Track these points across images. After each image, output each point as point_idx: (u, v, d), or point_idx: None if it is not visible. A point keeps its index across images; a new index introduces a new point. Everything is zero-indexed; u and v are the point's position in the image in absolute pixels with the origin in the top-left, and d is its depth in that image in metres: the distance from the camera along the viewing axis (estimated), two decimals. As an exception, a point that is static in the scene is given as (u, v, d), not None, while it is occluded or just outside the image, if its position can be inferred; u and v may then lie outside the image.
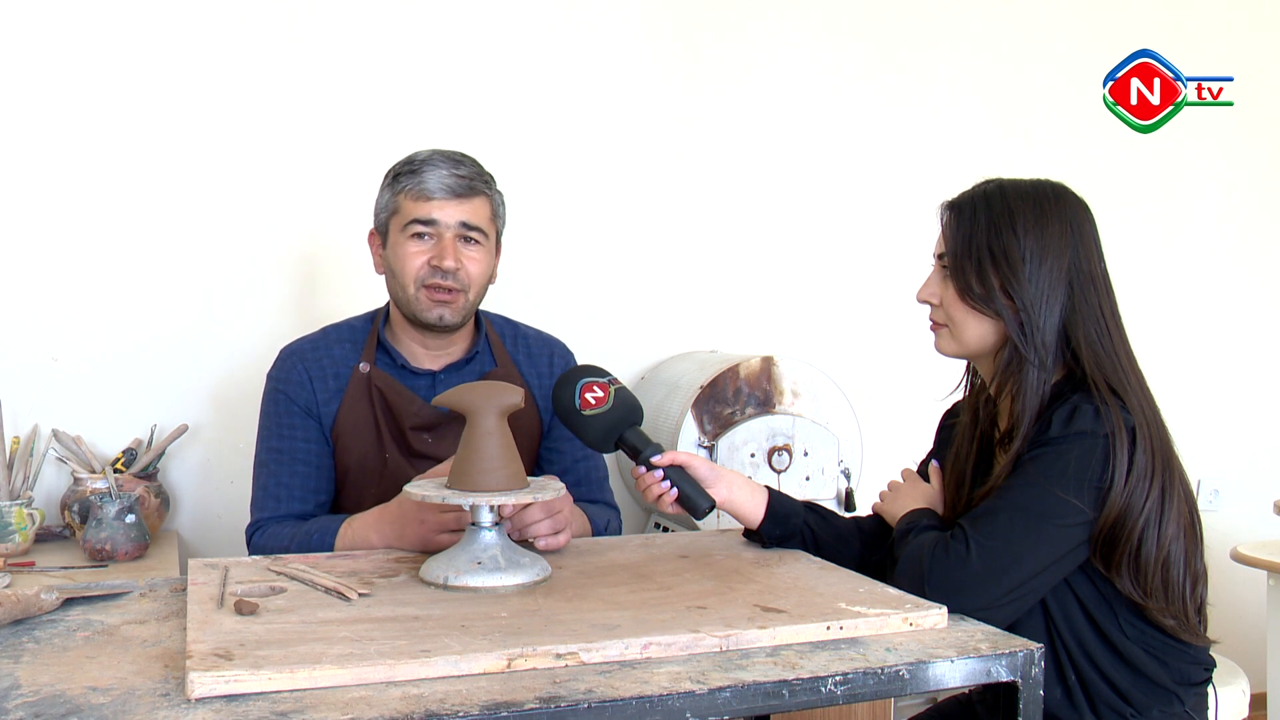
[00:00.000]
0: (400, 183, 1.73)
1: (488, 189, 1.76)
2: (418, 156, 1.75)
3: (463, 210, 1.72)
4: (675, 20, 2.68)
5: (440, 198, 1.71)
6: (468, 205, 1.72)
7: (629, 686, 1.00)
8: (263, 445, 1.78)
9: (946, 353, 1.51)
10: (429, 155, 1.74)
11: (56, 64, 2.26)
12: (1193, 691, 1.44)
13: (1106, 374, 1.40)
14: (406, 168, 1.74)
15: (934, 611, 1.22)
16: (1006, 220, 1.42)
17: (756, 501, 1.52)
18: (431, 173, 1.71)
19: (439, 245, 1.71)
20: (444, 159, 1.74)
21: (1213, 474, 3.19)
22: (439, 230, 1.71)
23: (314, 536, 1.64)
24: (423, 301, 1.72)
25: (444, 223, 1.71)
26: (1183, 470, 1.42)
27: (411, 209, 1.71)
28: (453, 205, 1.71)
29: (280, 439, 1.75)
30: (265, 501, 1.74)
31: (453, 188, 1.71)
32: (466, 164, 1.75)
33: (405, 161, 1.76)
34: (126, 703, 0.97)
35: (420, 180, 1.71)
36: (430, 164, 1.72)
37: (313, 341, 1.82)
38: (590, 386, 1.45)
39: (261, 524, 1.73)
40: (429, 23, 2.49)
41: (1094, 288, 1.43)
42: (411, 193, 1.71)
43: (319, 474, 1.75)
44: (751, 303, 2.77)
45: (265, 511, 1.73)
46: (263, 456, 1.77)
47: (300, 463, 1.74)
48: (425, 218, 1.71)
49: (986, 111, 2.96)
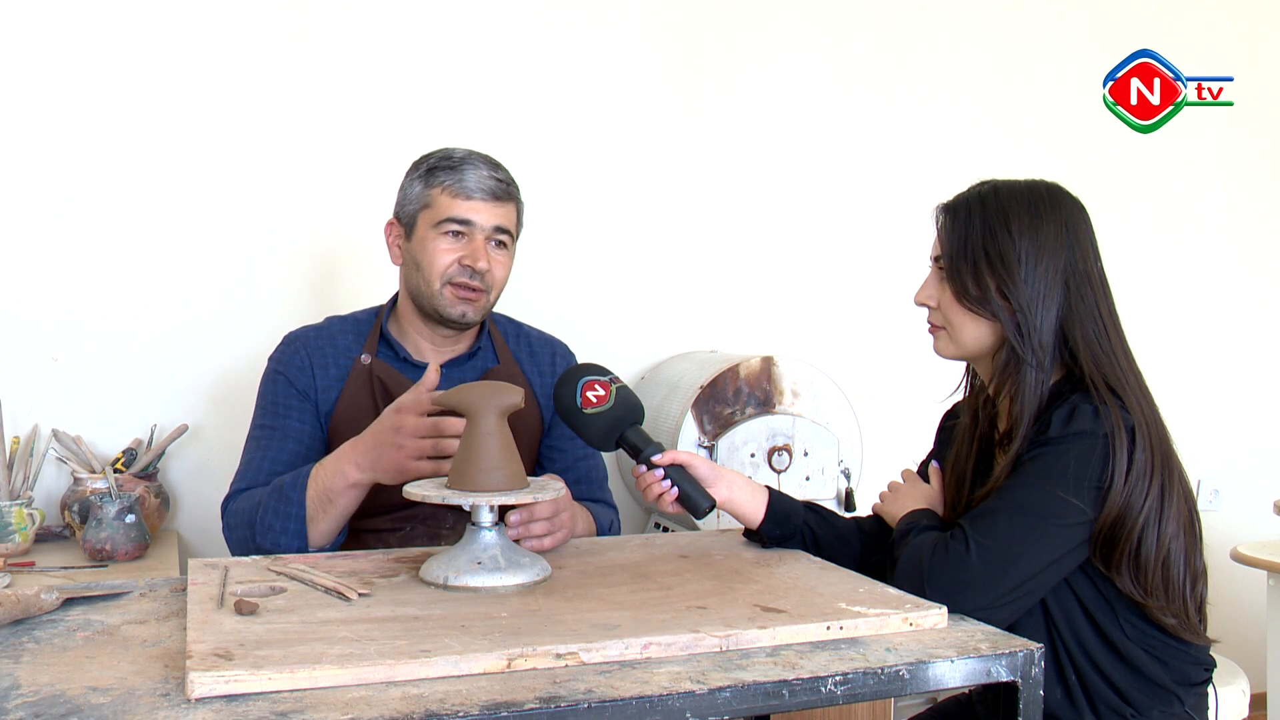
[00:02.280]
0: (437, 177, 1.72)
1: (517, 196, 1.78)
2: (454, 153, 1.74)
3: (498, 214, 1.73)
4: (676, 22, 2.68)
5: (479, 199, 1.71)
6: (502, 209, 1.74)
7: (629, 686, 1.00)
8: (254, 423, 1.77)
9: (945, 355, 1.52)
10: (466, 154, 1.74)
11: (59, 63, 2.26)
12: (1193, 692, 1.44)
13: (1105, 373, 1.40)
14: (444, 163, 1.73)
15: (934, 611, 1.22)
16: (1001, 222, 1.42)
17: (757, 501, 1.52)
18: (472, 172, 1.71)
19: (471, 245, 1.71)
20: (481, 160, 1.74)
21: (1213, 474, 3.19)
22: (473, 231, 1.72)
23: (285, 484, 1.61)
24: (447, 297, 1.72)
25: (479, 224, 1.71)
26: (1182, 469, 1.42)
27: (448, 206, 1.71)
28: (489, 207, 1.72)
29: (274, 416, 1.75)
30: (246, 473, 1.72)
31: (492, 190, 1.72)
32: (501, 169, 1.76)
33: (442, 156, 1.75)
34: (126, 703, 0.97)
35: (460, 178, 1.71)
36: (470, 163, 1.72)
37: (317, 329, 1.83)
38: (592, 385, 1.45)
39: (237, 493, 1.70)
40: (435, 24, 2.49)
41: (1090, 287, 1.43)
42: (450, 189, 1.71)
43: (308, 455, 1.72)
44: (751, 303, 2.77)
45: (244, 482, 1.71)
46: (253, 433, 1.76)
47: (291, 440, 1.73)
48: (462, 217, 1.71)
49: (986, 112, 2.96)
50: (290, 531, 1.59)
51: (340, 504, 1.59)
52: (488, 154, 1.77)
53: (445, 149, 1.77)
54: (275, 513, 1.60)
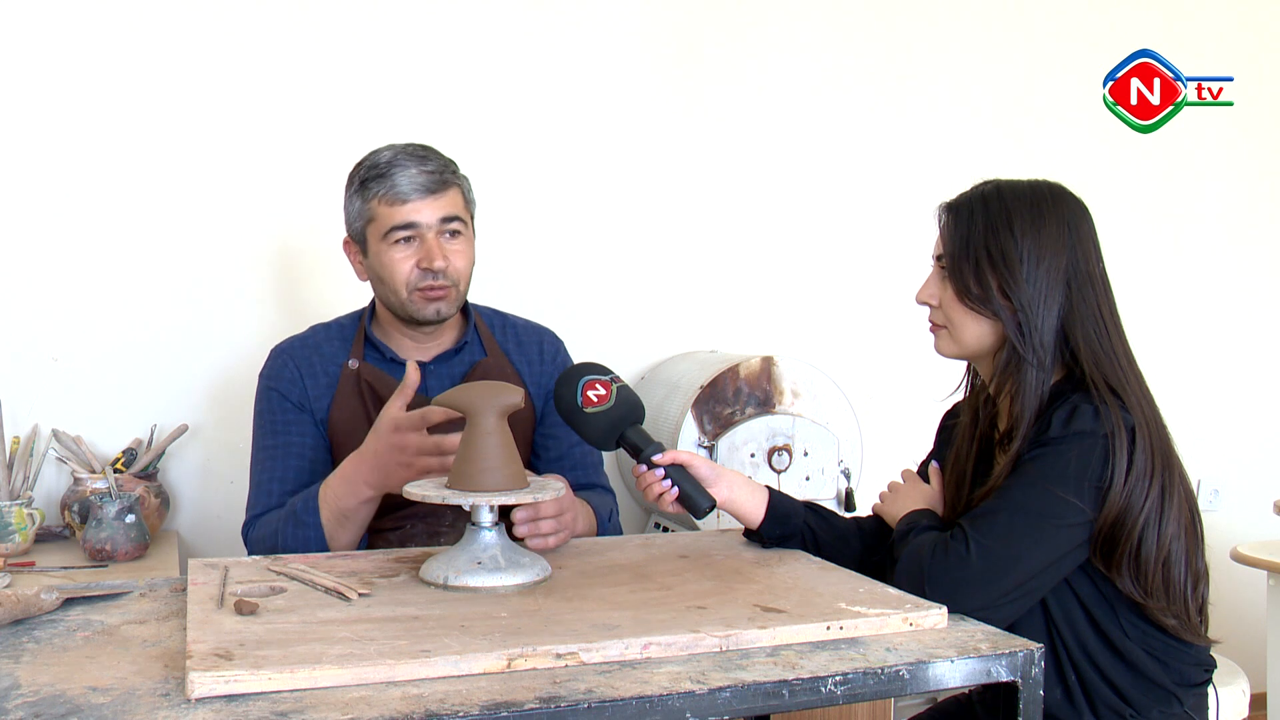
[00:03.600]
0: (370, 189, 1.69)
1: (456, 178, 1.73)
2: (380, 158, 1.70)
3: (440, 206, 1.69)
4: (675, 21, 2.68)
5: (416, 199, 1.67)
6: (443, 199, 1.70)
7: (629, 686, 1.00)
8: (257, 444, 1.78)
9: (946, 354, 1.52)
10: (391, 156, 1.70)
11: (53, 66, 2.26)
12: (1193, 692, 1.44)
13: (1106, 373, 1.40)
14: (373, 172, 1.69)
15: (934, 611, 1.22)
16: (1003, 221, 1.42)
17: (757, 501, 1.52)
18: (401, 174, 1.67)
19: (424, 246, 1.69)
20: (408, 157, 1.69)
21: (1213, 474, 3.19)
22: (420, 231, 1.69)
23: (298, 508, 1.62)
24: (416, 303, 1.71)
25: (424, 223, 1.69)
26: (1183, 469, 1.42)
27: (389, 215, 1.68)
28: (429, 203, 1.68)
29: (275, 435, 1.75)
30: (259, 497, 1.73)
31: (426, 185, 1.68)
32: (432, 157, 1.71)
33: (369, 166, 1.71)
34: (126, 703, 0.97)
35: (391, 184, 1.67)
36: (396, 165, 1.68)
37: (302, 339, 1.83)
38: (592, 384, 1.45)
39: (254, 520, 1.72)
40: (427, 22, 2.49)
41: (1092, 287, 1.43)
42: (385, 198, 1.68)
43: (314, 467, 1.73)
44: (751, 303, 2.77)
45: (259, 507, 1.72)
46: (257, 455, 1.77)
47: (295, 456, 1.73)
48: (405, 222, 1.68)
49: (986, 112, 2.96)
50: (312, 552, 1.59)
51: (358, 518, 1.61)
52: (416, 144, 1.72)
53: (372, 154, 1.72)
54: (295, 539, 1.61)
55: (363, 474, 1.57)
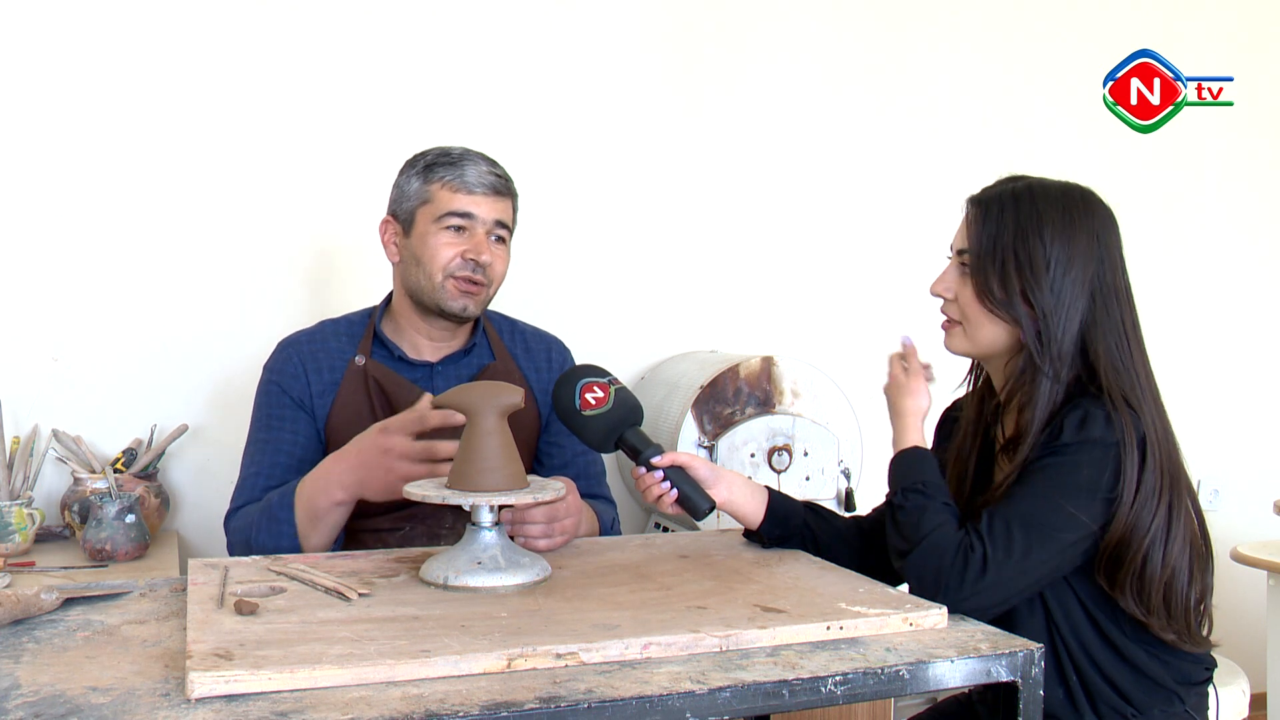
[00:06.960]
0: (436, 173, 1.74)
1: (513, 192, 1.80)
2: (452, 150, 1.76)
3: (497, 208, 1.75)
4: (676, 22, 2.68)
5: (480, 193, 1.73)
6: (502, 204, 1.76)
7: (629, 686, 1.00)
8: (251, 435, 1.78)
9: (957, 351, 1.49)
10: (464, 151, 1.76)
11: (59, 63, 2.26)
12: (1193, 691, 1.44)
13: (1124, 388, 1.38)
14: (443, 159, 1.75)
15: (934, 611, 1.22)
16: (1034, 225, 1.40)
17: (756, 502, 1.52)
18: (472, 168, 1.73)
19: (473, 239, 1.73)
20: (479, 156, 1.77)
21: (1213, 474, 3.19)
22: (474, 224, 1.73)
23: (273, 503, 1.63)
24: (450, 291, 1.73)
25: (481, 218, 1.73)
26: (1192, 488, 1.41)
27: (449, 200, 1.72)
28: (490, 202, 1.74)
29: (268, 429, 1.75)
30: (243, 488, 1.74)
31: (492, 185, 1.74)
32: (498, 165, 1.78)
33: (440, 153, 1.76)
34: (126, 703, 0.97)
35: (461, 173, 1.73)
36: (469, 159, 1.75)
37: (309, 334, 1.83)
38: (590, 387, 1.45)
39: (234, 511, 1.73)
40: (433, 24, 2.49)
41: (1116, 301, 1.41)
42: (450, 184, 1.73)
43: (302, 466, 1.72)
44: (751, 303, 2.77)
45: (241, 499, 1.73)
46: (249, 446, 1.77)
47: (284, 453, 1.74)
48: (464, 210, 1.72)
49: (986, 112, 2.96)
50: (284, 549, 1.61)
51: (329, 520, 1.61)
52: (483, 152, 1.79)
53: (441, 146, 1.79)
54: (268, 533, 1.62)
55: (337, 474, 1.57)
